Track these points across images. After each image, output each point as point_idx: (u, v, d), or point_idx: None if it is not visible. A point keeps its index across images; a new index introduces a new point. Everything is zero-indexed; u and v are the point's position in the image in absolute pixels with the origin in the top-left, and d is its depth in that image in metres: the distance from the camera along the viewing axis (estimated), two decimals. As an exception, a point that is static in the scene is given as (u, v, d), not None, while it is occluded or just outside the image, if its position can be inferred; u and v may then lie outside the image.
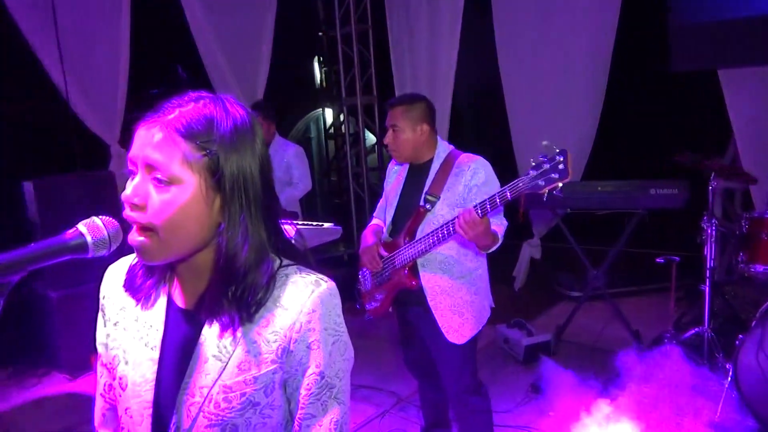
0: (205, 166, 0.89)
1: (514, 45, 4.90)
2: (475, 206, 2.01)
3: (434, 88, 5.51)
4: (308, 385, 0.96)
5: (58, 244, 0.85)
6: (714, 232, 3.23)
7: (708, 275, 3.25)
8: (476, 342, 2.43)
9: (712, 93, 4.16)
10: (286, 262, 0.99)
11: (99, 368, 1.13)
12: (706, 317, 3.27)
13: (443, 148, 2.41)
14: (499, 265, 2.70)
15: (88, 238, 0.87)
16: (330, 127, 7.54)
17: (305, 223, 3.30)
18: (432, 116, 2.41)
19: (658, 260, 3.90)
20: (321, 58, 7.47)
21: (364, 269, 2.55)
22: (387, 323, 3.05)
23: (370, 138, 6.61)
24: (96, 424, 1.16)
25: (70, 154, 4.47)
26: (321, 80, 7.89)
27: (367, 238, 2.53)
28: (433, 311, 2.33)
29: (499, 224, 2.24)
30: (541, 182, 1.90)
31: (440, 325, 2.33)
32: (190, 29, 4.90)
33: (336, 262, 6.00)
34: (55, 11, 4.06)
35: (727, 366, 2.91)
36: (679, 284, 4.40)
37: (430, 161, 2.40)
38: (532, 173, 1.92)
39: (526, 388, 3.36)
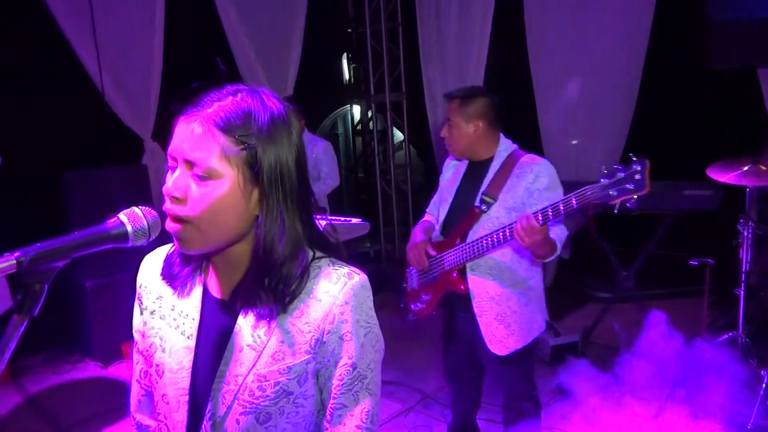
0: (243, 160, 0.90)
1: (545, 41, 4.85)
2: (535, 212, 1.89)
3: (463, 84, 5.47)
4: (340, 375, 0.97)
5: (100, 233, 0.87)
6: (750, 235, 3.14)
7: (743, 279, 3.17)
8: (525, 355, 2.28)
9: (750, 91, 4.05)
10: (319, 254, 1.01)
11: (135, 355, 1.16)
12: (741, 322, 3.19)
13: (505, 146, 2.27)
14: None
15: (129, 228, 0.89)
16: (357, 124, 7.56)
17: (333, 218, 3.32)
18: (492, 113, 2.26)
19: (691, 263, 3.81)
20: (349, 55, 7.49)
21: (412, 267, 2.46)
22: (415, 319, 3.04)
23: (398, 135, 6.60)
24: (132, 409, 1.19)
25: (105, 147, 4.57)
26: (349, 77, 7.91)
27: (416, 234, 2.43)
28: (478, 318, 2.22)
29: (558, 232, 2.11)
30: (613, 192, 1.76)
31: (483, 333, 2.21)
32: (223, 25, 4.97)
33: (362, 258, 6.02)
34: (92, 5, 4.15)
35: (762, 372, 2.84)
36: (712, 288, 4.30)
37: (490, 160, 2.26)
38: (604, 182, 1.78)
39: (552, 390, 3.31)
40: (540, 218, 1.88)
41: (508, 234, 2.00)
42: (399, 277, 2.60)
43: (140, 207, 0.92)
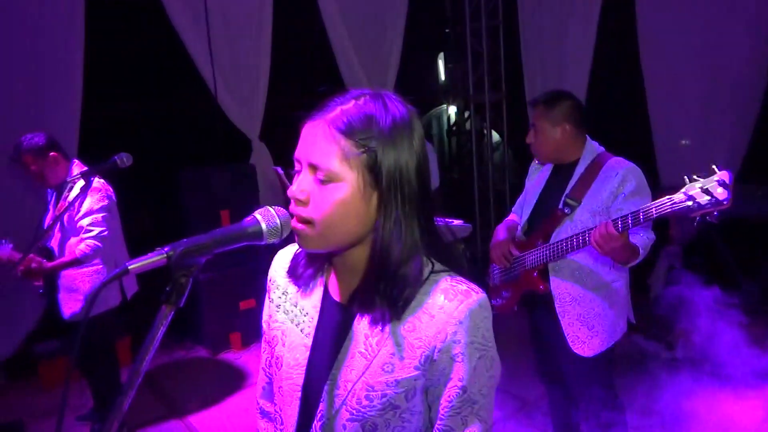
0: (363, 163, 0.91)
1: (659, 39, 4.56)
2: (614, 220, 1.86)
3: (566, 84, 5.28)
4: (449, 396, 0.94)
5: (238, 231, 0.91)
6: None
7: None
8: (609, 355, 2.25)
9: None
10: (438, 267, 0.98)
11: (263, 344, 1.20)
12: None
13: (591, 149, 2.25)
14: (634, 271, 2.52)
15: (263, 226, 0.92)
16: (453, 125, 7.51)
17: (439, 220, 3.30)
18: (577, 116, 2.24)
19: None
20: (446, 55, 7.45)
21: (495, 264, 2.50)
22: (516, 322, 2.96)
23: (495, 136, 6.48)
24: (257, 394, 1.25)
25: (217, 147, 4.85)
26: (445, 77, 7.87)
27: (500, 233, 2.46)
28: (560, 319, 2.22)
29: (644, 237, 2.05)
30: (693, 205, 1.69)
31: (566, 334, 2.21)
32: (325, 28, 5.11)
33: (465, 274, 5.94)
34: (207, 12, 4.42)
35: None
36: None
37: (576, 163, 2.25)
38: (684, 195, 1.71)
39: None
40: (620, 226, 1.84)
41: (587, 239, 1.97)
42: (482, 272, 2.64)
43: (273, 207, 0.95)
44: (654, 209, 1.79)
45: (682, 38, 4.43)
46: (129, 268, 0.79)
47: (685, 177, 1.74)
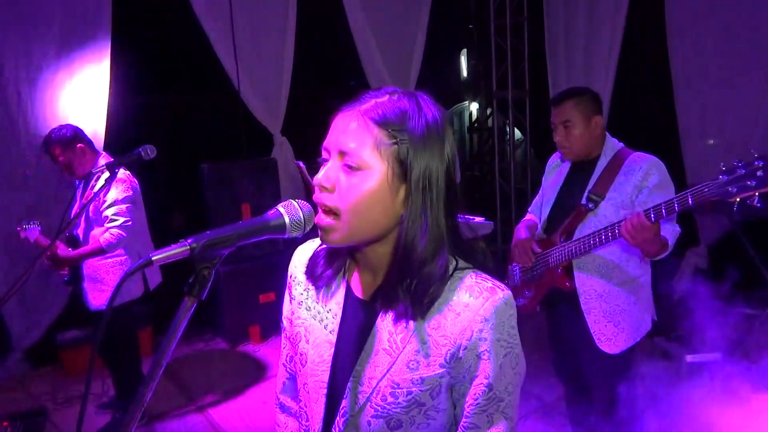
0: (394, 155, 0.90)
1: (689, 36, 4.45)
2: (647, 210, 1.84)
3: (591, 82, 5.21)
4: (475, 394, 0.93)
5: (261, 224, 0.90)
6: None
7: None
8: (632, 353, 2.25)
9: None
10: (462, 264, 0.97)
11: (283, 340, 1.20)
12: None
13: (611, 144, 2.25)
14: (658, 272, 2.49)
15: (286, 219, 0.90)
16: (475, 122, 7.46)
17: (461, 216, 3.28)
18: (601, 108, 2.26)
19: None
20: (469, 51, 7.40)
21: (515, 264, 2.48)
22: (534, 321, 2.93)
23: (517, 133, 6.42)
24: (277, 390, 1.25)
25: (239, 141, 4.88)
26: (467, 73, 7.83)
27: (520, 232, 2.44)
28: (585, 316, 2.21)
29: (670, 230, 2.05)
30: (732, 189, 1.67)
31: (592, 331, 2.20)
32: (349, 23, 5.10)
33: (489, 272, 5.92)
34: (231, 8, 4.44)
35: None
36: None
37: (597, 158, 2.25)
38: (723, 179, 1.70)
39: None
40: (652, 216, 1.83)
41: (617, 232, 1.96)
42: (501, 274, 2.58)
43: (297, 200, 0.94)
44: (690, 196, 1.76)
45: (713, 35, 4.33)
46: (153, 259, 0.79)
47: (722, 164, 1.72)
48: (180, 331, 0.85)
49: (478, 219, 3.12)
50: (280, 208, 0.92)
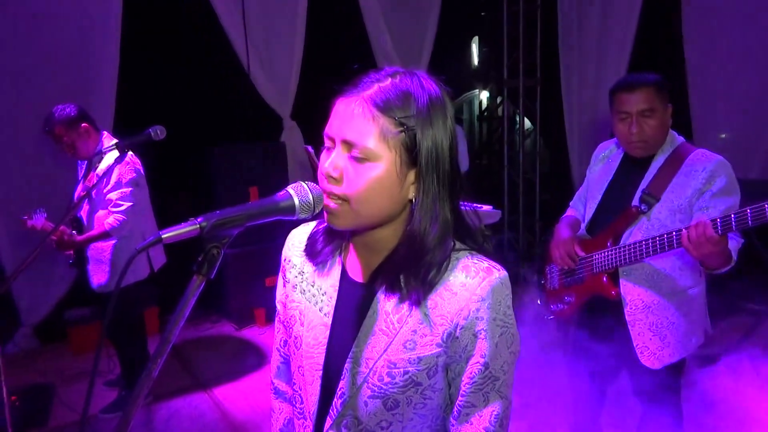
0: (401, 142, 0.89)
1: (706, 26, 4.39)
2: (713, 220, 1.60)
3: (604, 72, 5.16)
4: (471, 373, 0.94)
5: (271, 204, 0.89)
6: None
7: None
8: (679, 370, 2.06)
9: None
10: (459, 245, 0.97)
11: (277, 324, 1.21)
12: None
13: (673, 139, 1.99)
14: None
15: (296, 201, 0.90)
16: (485, 110, 7.42)
17: (464, 204, 3.27)
18: None
19: None
20: (480, 39, 7.34)
21: (553, 265, 2.26)
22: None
23: (527, 123, 6.38)
24: (272, 374, 1.25)
25: (248, 125, 4.87)
26: (478, 61, 7.77)
27: (562, 230, 2.21)
28: (630, 328, 2.00)
29: (734, 241, 1.80)
30: None
31: (635, 344, 2.01)
32: (360, 8, 5.06)
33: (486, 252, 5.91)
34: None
35: None
36: None
37: (653, 154, 1.99)
38: None
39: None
40: (719, 228, 1.59)
41: (674, 241, 1.73)
42: (535, 272, 2.45)
43: (307, 182, 0.93)
44: None
45: (729, 25, 4.27)
46: (163, 236, 0.79)
47: None
48: (188, 308, 0.86)
49: (485, 207, 3.11)
50: (290, 189, 0.91)
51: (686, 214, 1.88)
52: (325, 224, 1.05)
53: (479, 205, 3.15)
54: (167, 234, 0.80)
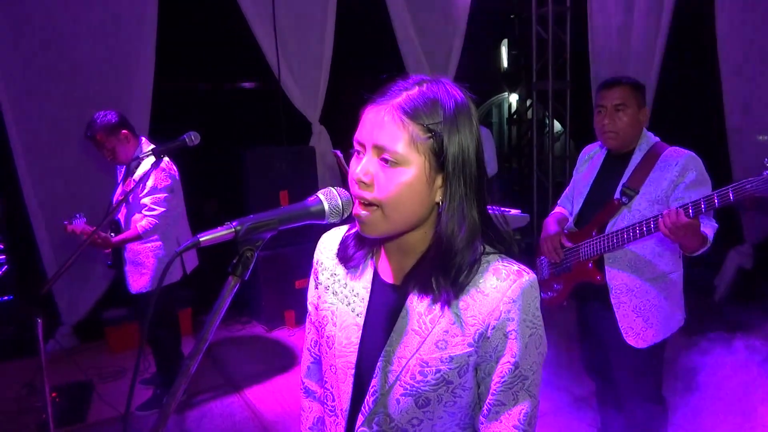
0: (430, 147, 0.92)
1: (740, 26, 4.29)
2: (685, 205, 1.81)
3: (635, 74, 5.07)
4: (501, 372, 0.97)
5: (302, 209, 0.93)
6: None
7: None
8: (661, 350, 2.23)
9: None
10: (488, 249, 1.00)
11: (308, 325, 1.24)
12: None
13: (647, 138, 2.22)
14: (697, 271, 2.44)
15: (326, 205, 0.94)
16: (514, 113, 7.37)
17: (492, 207, 3.27)
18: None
19: None
20: (509, 42, 7.30)
21: (543, 257, 2.46)
22: (563, 316, 2.91)
23: (557, 125, 6.32)
24: (302, 374, 1.29)
25: (279, 129, 4.96)
26: (508, 64, 7.72)
27: (550, 226, 2.42)
28: (615, 310, 2.19)
29: (708, 225, 2.01)
30: None
31: (620, 325, 2.19)
32: (389, 13, 5.10)
33: (515, 256, 5.87)
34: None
35: None
36: None
37: (631, 152, 2.21)
38: (767, 174, 1.68)
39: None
40: (691, 211, 1.80)
41: (652, 226, 1.93)
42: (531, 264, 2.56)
43: (336, 187, 0.97)
44: (731, 192, 1.74)
45: (765, 25, 4.17)
46: (200, 240, 0.83)
47: (765, 160, 1.72)
48: (224, 308, 0.89)
49: (514, 211, 3.11)
50: (320, 194, 0.95)
51: (663, 205, 2.06)
52: (356, 230, 1.08)
53: (507, 209, 3.15)
54: (205, 237, 0.83)
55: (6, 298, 4.40)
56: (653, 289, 2.16)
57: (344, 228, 1.16)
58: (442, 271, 0.96)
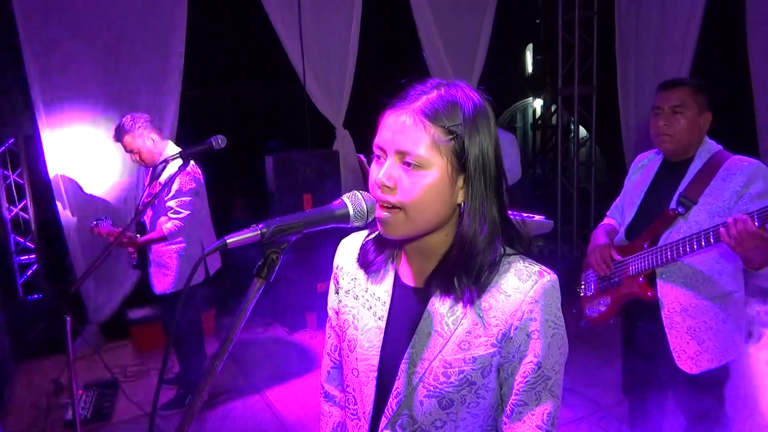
0: (451, 149, 0.93)
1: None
2: (751, 213, 1.65)
3: (663, 80, 4.97)
4: (524, 372, 0.97)
5: (327, 213, 0.94)
6: None
7: None
8: (719, 378, 2.04)
9: None
10: (509, 250, 1.01)
11: (328, 330, 1.25)
12: None
13: (709, 146, 2.04)
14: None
15: (351, 209, 0.95)
16: (539, 118, 7.31)
17: (516, 212, 3.25)
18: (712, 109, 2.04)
19: None
20: (534, 46, 7.25)
21: (590, 271, 2.31)
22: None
23: (582, 131, 6.25)
24: (322, 379, 1.29)
25: (303, 133, 5.00)
26: (533, 69, 7.67)
27: (599, 237, 2.27)
28: (667, 330, 2.01)
29: None
30: None
31: (672, 347, 2.01)
32: (414, 18, 5.11)
33: (534, 257, 5.82)
34: (300, 2, 4.54)
35: None
36: None
37: (690, 159, 2.04)
38: None
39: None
40: (756, 220, 1.64)
41: (711, 238, 1.76)
42: (571, 280, 2.43)
43: (361, 191, 0.97)
44: None
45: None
46: (228, 242, 0.84)
47: None
48: (250, 309, 0.91)
49: (538, 217, 3.08)
50: (345, 198, 0.96)
51: (724, 218, 1.85)
52: (375, 235, 1.09)
53: (531, 215, 3.12)
54: (231, 239, 0.85)
55: (36, 296, 4.51)
56: (711, 309, 1.96)
57: (364, 233, 1.17)
58: (465, 271, 0.97)
